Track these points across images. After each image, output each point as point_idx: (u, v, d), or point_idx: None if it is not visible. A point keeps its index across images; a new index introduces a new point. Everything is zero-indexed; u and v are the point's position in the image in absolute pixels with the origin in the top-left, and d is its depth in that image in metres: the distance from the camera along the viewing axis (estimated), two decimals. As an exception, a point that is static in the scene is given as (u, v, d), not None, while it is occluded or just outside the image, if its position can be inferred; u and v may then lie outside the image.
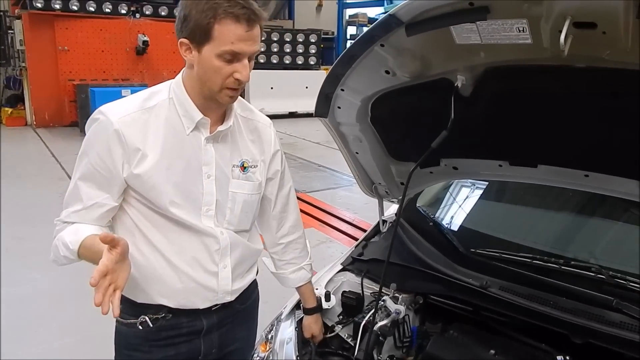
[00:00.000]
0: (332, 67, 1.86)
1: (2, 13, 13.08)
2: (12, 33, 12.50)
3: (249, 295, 1.96)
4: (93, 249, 1.49)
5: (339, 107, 2.04)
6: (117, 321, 1.79)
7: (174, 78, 1.68)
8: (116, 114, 1.57)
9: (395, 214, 2.54)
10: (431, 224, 2.45)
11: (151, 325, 1.73)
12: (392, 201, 2.57)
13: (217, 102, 1.63)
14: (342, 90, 1.94)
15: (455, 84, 1.71)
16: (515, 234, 2.27)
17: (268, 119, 1.90)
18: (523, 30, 1.38)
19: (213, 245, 1.73)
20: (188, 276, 1.70)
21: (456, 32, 1.49)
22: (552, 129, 1.80)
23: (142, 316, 1.72)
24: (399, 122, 2.10)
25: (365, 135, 2.15)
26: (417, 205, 2.60)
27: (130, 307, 1.72)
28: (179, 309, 1.75)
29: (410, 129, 2.09)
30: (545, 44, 1.40)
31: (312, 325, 2.08)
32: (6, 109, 12.86)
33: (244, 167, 1.75)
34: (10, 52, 12.90)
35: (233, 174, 1.74)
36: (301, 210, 2.09)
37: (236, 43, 1.49)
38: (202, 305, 1.78)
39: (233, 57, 1.51)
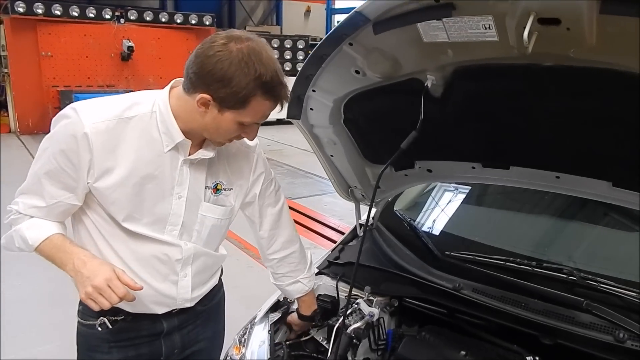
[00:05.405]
0: (302, 67, 1.84)
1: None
2: (-7, 39, 12.35)
3: (212, 297, 1.93)
4: (65, 249, 1.55)
5: (312, 109, 2.02)
6: (78, 322, 1.76)
7: (159, 83, 1.64)
8: (90, 118, 1.48)
9: (373, 217, 2.53)
10: (408, 227, 2.43)
11: (110, 327, 1.70)
12: (368, 204, 2.55)
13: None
14: (314, 91, 1.91)
15: (425, 84, 1.70)
16: (491, 237, 2.27)
17: (253, 142, 1.79)
18: (489, 28, 1.37)
19: (175, 254, 1.69)
20: (147, 284, 1.64)
21: (423, 30, 1.47)
22: (523, 129, 1.79)
23: (101, 317, 1.68)
24: (373, 124, 2.09)
25: (340, 138, 2.13)
26: (395, 208, 2.59)
27: (90, 309, 1.68)
28: (138, 313, 1.72)
29: (384, 131, 2.07)
30: (512, 41, 1.39)
31: (294, 325, 2.13)
32: (-11, 116, 12.68)
33: (216, 189, 1.72)
34: (-7, 59, 12.76)
35: (205, 196, 1.69)
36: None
37: (263, 117, 1.51)
38: (160, 311, 1.75)
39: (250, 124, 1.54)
